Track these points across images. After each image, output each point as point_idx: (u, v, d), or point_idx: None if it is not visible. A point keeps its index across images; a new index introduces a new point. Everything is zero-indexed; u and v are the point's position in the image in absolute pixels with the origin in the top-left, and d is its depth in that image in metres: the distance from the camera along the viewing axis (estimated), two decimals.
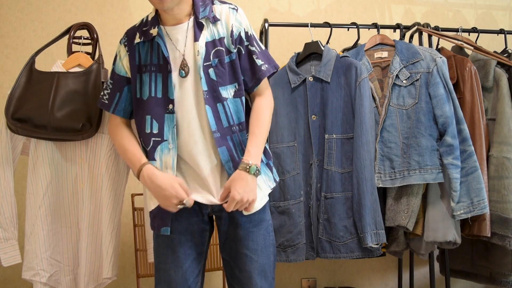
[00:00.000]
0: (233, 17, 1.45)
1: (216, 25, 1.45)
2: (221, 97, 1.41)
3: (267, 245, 1.49)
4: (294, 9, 2.70)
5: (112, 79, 1.54)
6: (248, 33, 1.47)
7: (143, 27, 1.49)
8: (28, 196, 1.76)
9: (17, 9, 2.49)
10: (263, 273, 1.46)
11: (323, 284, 2.60)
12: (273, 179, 1.55)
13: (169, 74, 1.42)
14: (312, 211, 1.95)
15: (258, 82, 1.47)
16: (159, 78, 1.44)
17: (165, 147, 1.42)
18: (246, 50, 1.46)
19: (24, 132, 1.69)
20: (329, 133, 1.96)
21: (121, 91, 1.52)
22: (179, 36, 1.44)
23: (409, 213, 1.91)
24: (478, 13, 2.86)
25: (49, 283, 1.75)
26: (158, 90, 1.43)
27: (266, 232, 1.50)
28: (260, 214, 1.48)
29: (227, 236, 1.50)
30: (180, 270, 1.46)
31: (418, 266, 2.61)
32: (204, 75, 1.41)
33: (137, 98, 1.47)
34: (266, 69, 1.47)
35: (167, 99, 1.42)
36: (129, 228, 2.34)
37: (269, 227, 1.52)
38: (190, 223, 1.48)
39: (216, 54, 1.43)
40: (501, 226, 1.95)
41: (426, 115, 1.92)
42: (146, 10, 1.46)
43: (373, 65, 2.05)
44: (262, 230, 1.48)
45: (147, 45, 1.47)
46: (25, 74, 1.74)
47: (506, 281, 2.06)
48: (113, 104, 1.52)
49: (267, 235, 1.49)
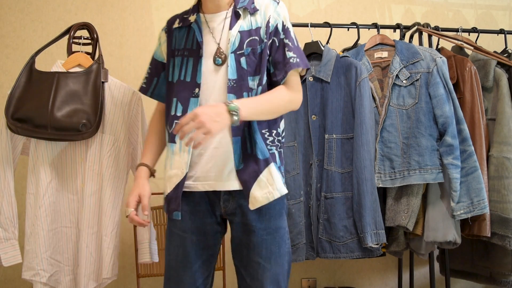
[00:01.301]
0: (273, 9, 1.45)
1: (255, 16, 1.45)
2: (248, 86, 1.41)
3: (282, 254, 1.43)
4: (294, 9, 2.70)
5: (151, 64, 1.60)
6: (285, 26, 1.45)
7: (185, 14, 1.53)
8: (28, 196, 1.76)
9: (17, 9, 2.49)
10: (276, 282, 1.42)
11: (323, 284, 2.60)
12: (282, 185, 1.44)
13: (200, 59, 1.44)
14: (312, 211, 1.95)
15: (285, 74, 1.42)
16: (190, 62, 1.45)
17: None
18: (280, 43, 1.43)
19: (24, 132, 1.69)
20: (329, 133, 1.96)
21: (159, 76, 1.57)
22: (216, 24, 1.46)
23: (409, 213, 1.91)
24: (478, 13, 2.86)
25: (49, 283, 1.75)
26: (188, 74, 1.45)
27: (282, 240, 1.44)
28: (276, 221, 1.43)
29: (240, 242, 1.46)
30: (189, 270, 1.45)
31: (418, 266, 2.61)
32: (234, 64, 1.41)
33: (169, 82, 1.50)
34: (295, 62, 1.41)
35: (195, 83, 1.43)
36: (129, 228, 2.34)
37: (285, 235, 1.46)
38: (204, 223, 1.46)
39: (250, 43, 1.42)
40: (501, 226, 1.95)
41: (426, 115, 1.92)
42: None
43: (373, 65, 2.05)
44: (277, 238, 1.43)
45: (183, 30, 1.50)
46: (25, 74, 1.74)
47: (506, 281, 2.06)
48: (150, 89, 1.59)
49: (282, 243, 1.44)
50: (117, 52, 2.52)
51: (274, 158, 1.43)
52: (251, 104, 1.36)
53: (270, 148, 1.42)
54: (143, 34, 2.54)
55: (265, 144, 1.41)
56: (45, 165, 1.75)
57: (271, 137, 1.44)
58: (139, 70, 2.53)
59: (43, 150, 1.76)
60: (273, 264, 1.41)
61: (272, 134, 1.44)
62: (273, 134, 1.45)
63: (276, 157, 1.44)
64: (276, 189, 1.39)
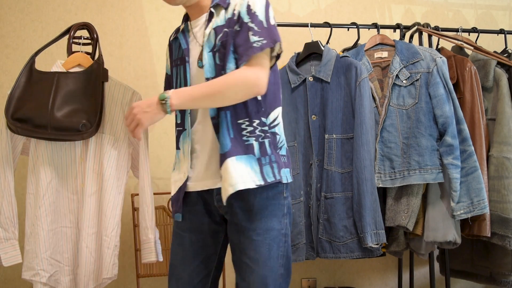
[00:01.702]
0: None
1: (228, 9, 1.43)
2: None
3: (272, 256, 1.37)
4: (294, 9, 2.70)
5: (164, 80, 1.65)
6: (252, 10, 1.37)
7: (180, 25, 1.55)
8: (28, 196, 1.76)
9: (17, 9, 2.49)
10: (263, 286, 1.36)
11: (323, 284, 2.60)
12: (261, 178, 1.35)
13: (187, 65, 1.46)
14: (312, 211, 1.95)
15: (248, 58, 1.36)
16: (181, 70, 1.48)
17: (184, 135, 1.47)
18: (244, 27, 1.36)
19: (24, 132, 1.69)
20: (329, 133, 1.96)
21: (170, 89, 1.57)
22: (198, 28, 1.47)
23: (409, 213, 1.91)
24: (478, 13, 2.86)
25: (49, 283, 1.75)
26: (182, 82, 1.47)
27: (274, 242, 1.37)
28: (267, 222, 1.37)
29: (232, 242, 1.45)
30: (188, 268, 1.47)
31: (418, 266, 2.61)
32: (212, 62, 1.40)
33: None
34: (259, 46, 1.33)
35: None
36: (129, 228, 2.34)
37: (279, 237, 1.38)
38: (202, 223, 1.47)
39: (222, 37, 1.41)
40: (501, 226, 1.95)
41: (426, 115, 1.92)
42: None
43: (373, 65, 2.05)
44: (268, 240, 1.37)
45: (177, 41, 1.53)
46: (25, 74, 1.74)
47: (506, 281, 2.06)
48: None
49: (274, 246, 1.37)
50: (117, 52, 2.52)
51: (251, 150, 1.35)
52: (186, 91, 1.34)
53: (246, 139, 1.36)
54: (143, 34, 2.54)
55: (240, 135, 1.36)
56: (45, 165, 1.75)
57: (250, 127, 1.37)
58: (139, 70, 2.53)
59: (43, 150, 1.76)
60: (261, 266, 1.36)
61: (252, 124, 1.37)
62: (255, 124, 1.37)
63: (254, 148, 1.36)
64: (230, 185, 1.31)
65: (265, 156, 1.37)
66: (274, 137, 1.41)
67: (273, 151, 1.39)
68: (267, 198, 1.38)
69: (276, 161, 1.38)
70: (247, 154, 1.35)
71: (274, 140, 1.41)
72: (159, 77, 2.53)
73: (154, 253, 1.83)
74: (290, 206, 1.44)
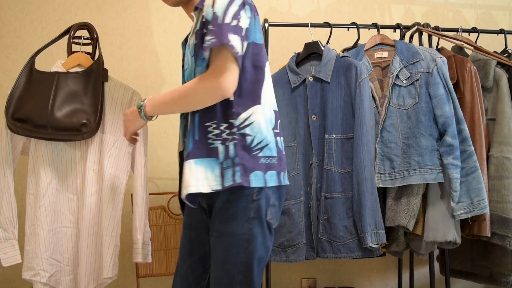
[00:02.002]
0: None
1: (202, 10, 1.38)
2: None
3: (229, 261, 1.31)
4: (294, 9, 2.70)
5: None
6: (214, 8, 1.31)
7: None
8: (28, 196, 1.76)
9: (17, 9, 2.49)
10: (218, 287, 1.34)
11: (323, 284, 2.60)
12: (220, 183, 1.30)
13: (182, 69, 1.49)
14: (312, 211, 1.95)
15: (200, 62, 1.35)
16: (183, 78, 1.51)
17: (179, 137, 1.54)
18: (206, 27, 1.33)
19: (24, 132, 1.69)
20: (329, 133, 1.96)
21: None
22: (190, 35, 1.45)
23: (409, 213, 1.91)
24: (478, 13, 2.86)
25: (49, 283, 1.75)
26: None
27: (231, 247, 1.31)
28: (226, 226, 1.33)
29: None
30: (185, 265, 1.49)
31: (418, 266, 2.61)
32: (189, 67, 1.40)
33: None
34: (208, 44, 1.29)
35: None
36: (129, 228, 2.34)
37: (239, 242, 1.31)
38: (198, 220, 1.47)
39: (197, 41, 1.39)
40: (501, 226, 1.94)
41: (426, 115, 1.92)
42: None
43: (373, 65, 2.05)
44: (225, 243, 1.32)
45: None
46: (25, 74, 1.75)
47: (506, 281, 2.06)
48: None
49: (231, 250, 1.31)
50: (117, 52, 2.52)
51: (215, 153, 1.31)
52: (158, 98, 1.38)
53: (212, 142, 1.32)
54: (143, 34, 2.54)
55: (206, 138, 1.33)
56: (45, 165, 1.75)
57: (217, 130, 1.32)
58: (139, 70, 2.53)
59: (43, 150, 1.76)
60: (218, 267, 1.34)
61: (220, 127, 1.32)
62: (222, 127, 1.32)
63: (219, 151, 1.31)
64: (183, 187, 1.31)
65: (227, 160, 1.31)
66: (243, 138, 1.32)
67: (241, 153, 1.30)
68: (228, 201, 1.32)
69: (241, 163, 1.30)
70: (210, 157, 1.32)
71: (243, 142, 1.32)
72: (159, 77, 2.53)
73: (140, 254, 1.83)
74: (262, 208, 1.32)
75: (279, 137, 1.40)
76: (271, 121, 1.39)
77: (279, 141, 1.40)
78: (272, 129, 1.38)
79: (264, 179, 1.32)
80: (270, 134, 1.36)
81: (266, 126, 1.35)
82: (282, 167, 1.38)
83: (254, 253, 1.32)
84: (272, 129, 1.38)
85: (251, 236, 1.31)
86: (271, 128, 1.38)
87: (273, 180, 1.34)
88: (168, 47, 2.55)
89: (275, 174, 1.35)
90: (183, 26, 2.54)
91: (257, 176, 1.31)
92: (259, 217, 1.32)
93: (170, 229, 2.26)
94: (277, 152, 1.37)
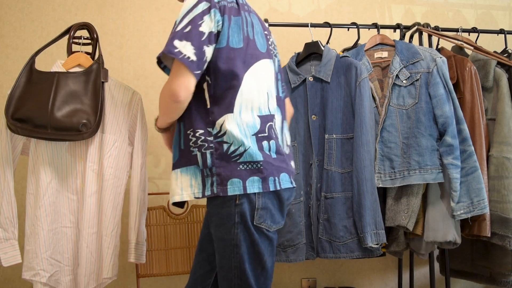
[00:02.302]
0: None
1: None
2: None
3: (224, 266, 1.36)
4: (294, 9, 2.70)
5: None
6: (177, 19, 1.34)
7: None
8: (28, 196, 1.76)
9: (17, 9, 2.49)
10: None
11: (323, 284, 2.60)
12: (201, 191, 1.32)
13: None
14: (312, 211, 1.95)
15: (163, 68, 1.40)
16: None
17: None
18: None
19: (24, 132, 1.69)
20: (329, 133, 1.96)
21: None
22: None
23: (409, 213, 1.91)
24: (478, 13, 2.86)
25: (49, 283, 1.75)
26: None
27: (224, 252, 1.34)
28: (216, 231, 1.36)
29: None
30: (196, 259, 1.52)
31: (418, 266, 2.61)
32: None
33: None
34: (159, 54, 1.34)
35: None
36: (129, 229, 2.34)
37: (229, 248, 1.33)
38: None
39: None
40: (501, 226, 1.94)
41: (426, 115, 1.92)
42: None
43: (373, 65, 2.05)
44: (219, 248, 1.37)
45: None
46: (25, 74, 1.74)
47: (506, 281, 2.06)
48: None
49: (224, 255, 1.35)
50: (117, 52, 2.52)
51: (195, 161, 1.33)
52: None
53: (192, 150, 1.34)
54: (143, 34, 2.54)
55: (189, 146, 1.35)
56: (45, 165, 1.75)
57: (194, 137, 1.34)
58: (139, 70, 2.53)
59: (43, 150, 1.76)
60: (219, 273, 1.40)
61: (196, 134, 1.34)
62: (198, 133, 1.33)
63: (198, 159, 1.33)
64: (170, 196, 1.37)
65: (206, 168, 1.32)
66: (220, 146, 1.32)
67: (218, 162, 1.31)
68: (216, 206, 1.34)
69: (217, 173, 1.31)
70: (192, 165, 1.34)
71: (220, 149, 1.32)
72: (159, 77, 2.53)
73: (133, 254, 1.85)
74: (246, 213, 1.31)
75: (266, 141, 1.36)
76: (253, 126, 1.35)
77: (265, 146, 1.35)
78: (254, 134, 1.35)
79: (244, 186, 1.30)
80: (249, 140, 1.33)
81: (242, 133, 1.33)
82: (271, 172, 1.34)
83: (244, 258, 1.33)
84: (254, 134, 1.35)
85: (238, 240, 1.32)
86: (252, 134, 1.34)
87: (255, 186, 1.31)
88: None
89: (258, 180, 1.32)
90: None
91: (234, 183, 1.30)
92: (244, 221, 1.32)
93: (170, 229, 2.26)
94: (263, 156, 1.33)
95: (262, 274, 1.37)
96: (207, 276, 1.50)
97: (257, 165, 1.32)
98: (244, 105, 1.35)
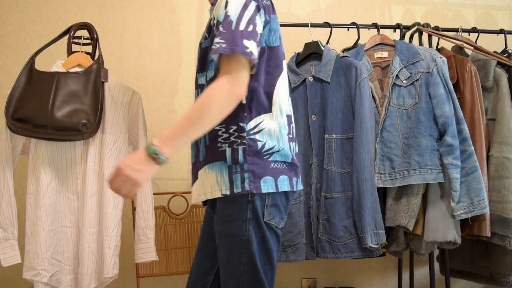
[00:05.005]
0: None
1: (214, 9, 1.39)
2: (198, 83, 1.41)
3: (232, 262, 1.32)
4: (294, 9, 2.70)
5: None
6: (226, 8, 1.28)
7: None
8: (28, 196, 1.76)
9: (17, 9, 2.48)
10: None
11: (323, 284, 2.60)
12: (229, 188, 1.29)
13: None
14: (312, 211, 1.95)
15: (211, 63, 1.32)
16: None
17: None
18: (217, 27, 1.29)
19: (24, 132, 1.69)
20: (329, 133, 1.96)
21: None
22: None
23: (409, 213, 1.91)
24: (478, 13, 2.86)
25: (50, 283, 1.75)
26: None
27: (232, 248, 1.32)
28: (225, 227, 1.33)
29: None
30: (197, 256, 1.50)
31: (418, 266, 2.61)
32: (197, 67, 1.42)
33: None
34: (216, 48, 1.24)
35: None
36: (129, 228, 2.34)
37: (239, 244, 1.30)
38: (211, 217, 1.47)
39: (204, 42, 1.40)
40: (501, 226, 1.95)
41: (426, 115, 1.92)
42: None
43: (373, 65, 2.05)
44: (226, 245, 1.33)
45: None
46: (25, 74, 1.75)
47: (506, 281, 2.06)
48: None
49: (233, 251, 1.32)
50: (117, 52, 2.52)
51: (223, 156, 1.30)
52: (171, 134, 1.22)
53: (220, 145, 1.31)
54: (143, 34, 2.54)
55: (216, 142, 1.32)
56: (45, 165, 1.75)
57: (226, 133, 1.31)
58: (139, 70, 2.53)
59: (43, 150, 1.76)
60: (223, 269, 1.35)
61: (229, 131, 1.31)
62: (231, 130, 1.30)
63: (226, 155, 1.30)
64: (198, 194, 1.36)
65: (236, 165, 1.29)
66: (253, 143, 1.30)
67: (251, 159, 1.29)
68: (226, 203, 1.32)
69: (250, 170, 1.28)
70: (218, 160, 1.31)
71: (253, 146, 1.30)
72: (159, 77, 2.53)
73: (154, 252, 1.85)
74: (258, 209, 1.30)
75: (292, 143, 1.38)
76: (285, 127, 1.36)
77: (292, 147, 1.37)
78: (286, 135, 1.35)
79: (276, 184, 1.30)
80: (283, 141, 1.34)
81: (278, 133, 1.33)
82: (295, 173, 1.36)
83: (255, 253, 1.31)
84: (286, 135, 1.35)
85: (250, 237, 1.30)
86: (286, 134, 1.35)
87: (285, 185, 1.32)
88: (168, 47, 2.55)
89: (287, 179, 1.33)
90: (183, 26, 2.54)
91: (267, 181, 1.29)
92: (256, 217, 1.31)
93: (170, 229, 2.27)
94: (291, 158, 1.35)
95: (270, 271, 1.37)
96: (208, 273, 1.49)
97: (286, 164, 1.33)
98: (279, 104, 1.35)
